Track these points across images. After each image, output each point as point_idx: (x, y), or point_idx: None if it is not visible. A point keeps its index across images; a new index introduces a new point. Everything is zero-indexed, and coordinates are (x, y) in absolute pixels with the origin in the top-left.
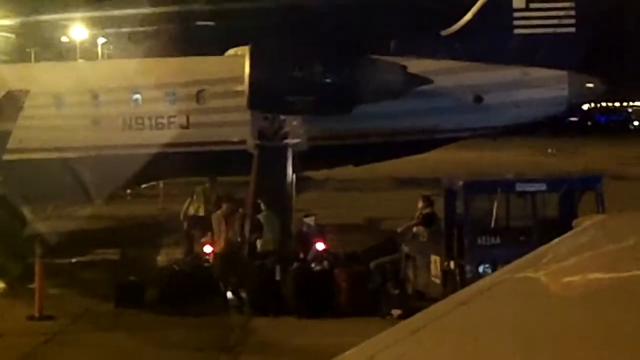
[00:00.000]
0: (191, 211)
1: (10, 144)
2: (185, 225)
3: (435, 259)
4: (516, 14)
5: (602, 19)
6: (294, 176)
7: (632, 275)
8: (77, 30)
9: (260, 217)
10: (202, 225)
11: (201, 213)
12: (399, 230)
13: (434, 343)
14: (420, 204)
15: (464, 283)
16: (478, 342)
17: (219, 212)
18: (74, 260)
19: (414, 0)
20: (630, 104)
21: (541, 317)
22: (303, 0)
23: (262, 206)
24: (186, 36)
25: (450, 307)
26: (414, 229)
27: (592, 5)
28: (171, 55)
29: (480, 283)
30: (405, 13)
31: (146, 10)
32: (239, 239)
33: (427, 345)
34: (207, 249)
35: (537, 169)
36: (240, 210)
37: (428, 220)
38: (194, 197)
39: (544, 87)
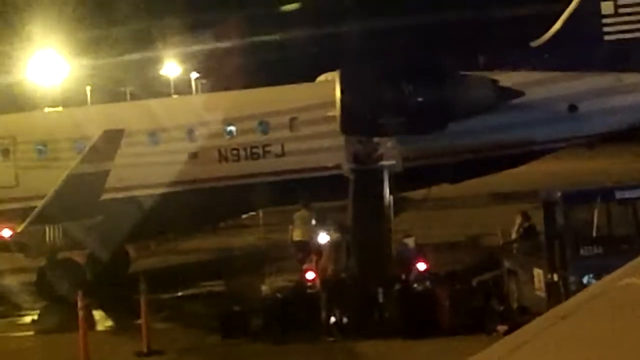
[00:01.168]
0: (296, 237)
1: (110, 183)
2: (294, 251)
3: (538, 272)
4: (605, 21)
5: None
6: (391, 198)
7: None
8: (170, 66)
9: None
10: (306, 250)
11: (305, 238)
12: (500, 244)
13: (537, 358)
14: (519, 219)
15: (569, 295)
16: (583, 356)
17: (329, 240)
18: (179, 294)
19: (501, 13)
20: None
21: None
22: (390, 22)
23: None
24: (277, 64)
25: (552, 320)
26: (515, 243)
27: None
28: (263, 85)
29: (582, 294)
30: (493, 26)
31: (235, 42)
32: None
33: None
34: (310, 275)
35: (637, 175)
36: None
37: (528, 234)
38: (296, 223)
39: (638, 92)
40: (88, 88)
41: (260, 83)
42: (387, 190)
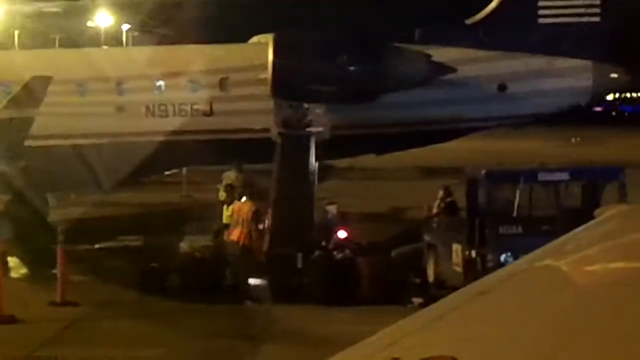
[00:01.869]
0: (222, 198)
1: (34, 130)
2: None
3: (457, 247)
4: (541, 3)
5: (627, 7)
6: (317, 165)
7: None
8: (102, 16)
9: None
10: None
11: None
12: (421, 217)
13: (453, 332)
14: (440, 194)
15: (486, 272)
16: (498, 332)
17: (239, 203)
18: (97, 246)
19: None
20: None
21: (562, 306)
22: None
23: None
24: (210, 23)
25: (470, 296)
26: (436, 218)
27: None
28: (195, 43)
29: (501, 272)
30: (429, 1)
31: None
32: (258, 228)
33: (446, 334)
34: (233, 236)
35: (561, 158)
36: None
37: (450, 209)
38: (223, 183)
39: (568, 76)
40: (16, 32)
41: (193, 40)
42: (313, 157)
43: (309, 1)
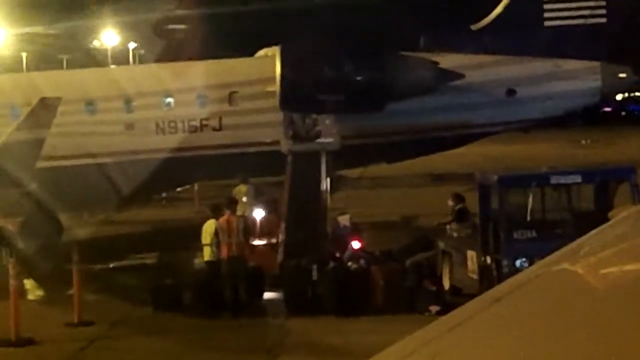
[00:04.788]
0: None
1: (45, 151)
2: None
3: (471, 254)
4: (546, 6)
5: (633, 8)
6: (328, 177)
7: None
8: (108, 35)
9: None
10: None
11: (243, 213)
12: (435, 225)
13: (471, 340)
14: (450, 202)
15: (501, 278)
16: (516, 339)
17: (222, 219)
18: (111, 265)
19: None
20: None
21: (579, 311)
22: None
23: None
24: (216, 38)
25: (486, 303)
26: (448, 225)
27: None
28: (202, 58)
29: (516, 278)
30: (434, 8)
31: (176, 12)
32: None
33: (465, 343)
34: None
35: (572, 161)
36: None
37: (462, 216)
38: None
39: (577, 78)
40: (24, 55)
41: (200, 56)
42: (324, 168)
43: (313, 11)
